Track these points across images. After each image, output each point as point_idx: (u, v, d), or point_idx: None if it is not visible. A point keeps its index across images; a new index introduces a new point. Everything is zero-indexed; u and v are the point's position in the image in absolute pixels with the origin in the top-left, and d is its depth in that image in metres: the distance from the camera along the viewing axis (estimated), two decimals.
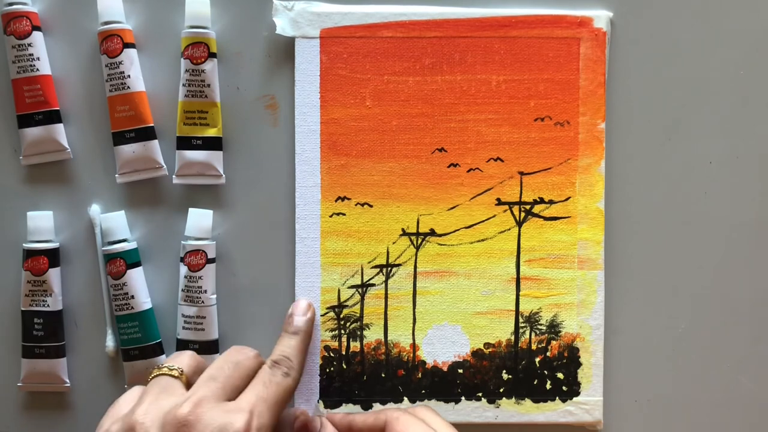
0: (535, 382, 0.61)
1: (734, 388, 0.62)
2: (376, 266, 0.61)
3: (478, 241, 0.61)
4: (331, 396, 0.61)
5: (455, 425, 0.60)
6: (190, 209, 0.60)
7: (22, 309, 0.60)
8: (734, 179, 0.62)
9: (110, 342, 0.61)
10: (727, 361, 0.62)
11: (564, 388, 0.61)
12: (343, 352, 0.61)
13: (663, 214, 0.62)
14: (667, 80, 0.61)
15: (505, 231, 0.61)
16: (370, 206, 0.60)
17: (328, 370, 0.61)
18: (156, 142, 0.60)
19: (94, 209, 0.61)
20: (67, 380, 0.61)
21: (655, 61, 0.61)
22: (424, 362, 0.61)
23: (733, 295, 0.62)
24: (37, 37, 0.59)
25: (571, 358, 0.61)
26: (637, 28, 0.61)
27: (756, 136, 0.62)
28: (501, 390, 0.61)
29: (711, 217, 0.62)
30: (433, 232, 0.61)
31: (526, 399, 0.61)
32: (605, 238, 0.61)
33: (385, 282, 0.61)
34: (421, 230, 0.61)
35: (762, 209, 0.62)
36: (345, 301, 0.61)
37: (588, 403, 0.61)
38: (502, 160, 0.60)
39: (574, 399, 0.61)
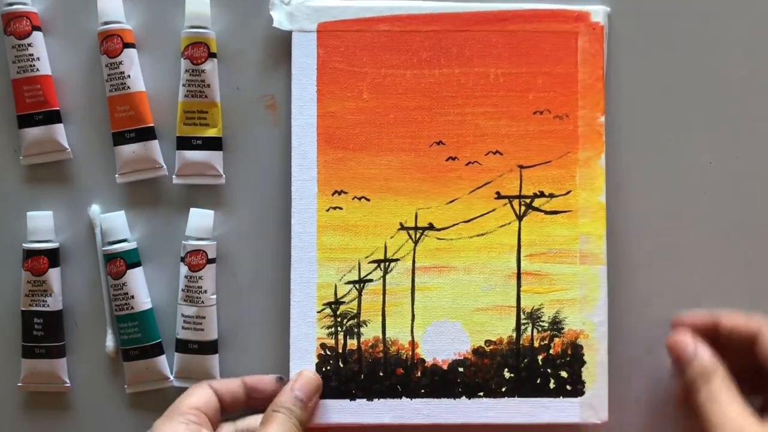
0: (538, 381, 0.60)
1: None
2: (373, 261, 0.60)
3: (478, 235, 0.60)
4: (328, 396, 0.60)
5: (456, 426, 0.59)
6: (192, 209, 0.60)
7: (22, 309, 0.60)
8: (734, 178, 0.62)
9: (110, 342, 0.61)
10: None
11: (568, 387, 0.59)
12: (340, 350, 0.60)
13: (664, 207, 0.61)
14: (665, 74, 0.61)
15: (505, 225, 0.60)
16: (368, 200, 0.60)
17: (324, 369, 0.59)
18: (156, 142, 0.60)
19: (94, 209, 0.61)
20: (67, 380, 0.61)
21: (654, 54, 0.61)
22: (423, 360, 0.60)
23: (733, 293, 0.61)
24: (37, 37, 0.60)
25: (575, 356, 0.59)
26: (634, 22, 0.61)
27: (756, 135, 0.61)
28: (503, 389, 0.60)
29: (712, 209, 0.61)
30: (431, 227, 0.60)
31: (530, 398, 0.60)
32: (607, 233, 0.60)
33: (383, 277, 0.60)
34: (419, 224, 0.60)
35: (762, 208, 0.61)
36: (342, 297, 0.60)
37: (593, 403, 0.59)
38: (501, 154, 0.60)
39: (579, 398, 0.59)
